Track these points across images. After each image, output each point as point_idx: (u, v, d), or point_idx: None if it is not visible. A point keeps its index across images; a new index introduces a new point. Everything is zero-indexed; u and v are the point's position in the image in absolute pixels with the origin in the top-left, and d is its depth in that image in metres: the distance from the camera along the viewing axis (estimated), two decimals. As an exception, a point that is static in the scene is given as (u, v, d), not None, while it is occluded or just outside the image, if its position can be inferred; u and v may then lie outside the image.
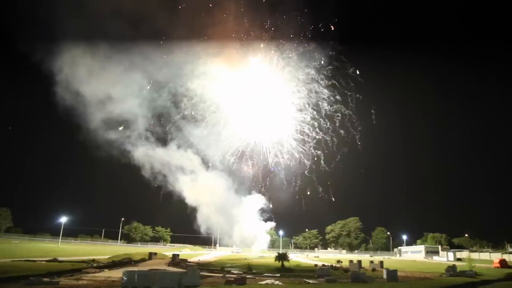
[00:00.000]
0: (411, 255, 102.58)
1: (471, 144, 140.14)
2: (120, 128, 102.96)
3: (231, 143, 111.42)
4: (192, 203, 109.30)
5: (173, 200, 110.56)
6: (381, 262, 51.26)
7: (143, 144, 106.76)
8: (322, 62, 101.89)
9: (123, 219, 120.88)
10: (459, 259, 79.90)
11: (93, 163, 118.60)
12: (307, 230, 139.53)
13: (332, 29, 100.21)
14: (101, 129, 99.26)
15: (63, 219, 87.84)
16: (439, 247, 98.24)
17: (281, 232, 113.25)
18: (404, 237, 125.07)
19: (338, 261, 58.49)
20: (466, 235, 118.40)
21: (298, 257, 79.87)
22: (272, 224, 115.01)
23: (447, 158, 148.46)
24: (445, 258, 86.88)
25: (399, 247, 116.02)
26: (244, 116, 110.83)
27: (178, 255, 54.47)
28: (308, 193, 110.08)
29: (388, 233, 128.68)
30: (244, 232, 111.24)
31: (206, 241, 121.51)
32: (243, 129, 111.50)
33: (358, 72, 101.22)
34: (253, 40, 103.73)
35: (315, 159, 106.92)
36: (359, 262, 49.01)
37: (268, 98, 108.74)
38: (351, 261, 50.11)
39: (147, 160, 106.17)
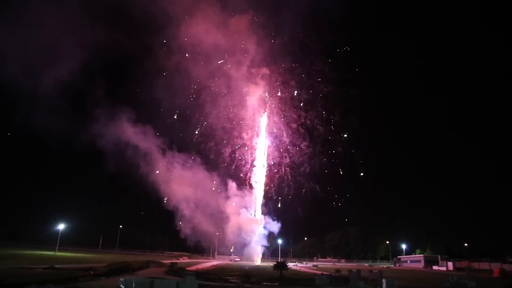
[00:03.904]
0: (410, 264, 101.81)
1: (473, 152, 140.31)
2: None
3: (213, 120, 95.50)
4: (173, 204, 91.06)
5: (152, 202, 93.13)
6: (381, 272, 50.98)
7: (104, 126, 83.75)
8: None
9: (121, 226, 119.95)
10: (458, 269, 79.44)
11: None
12: (305, 238, 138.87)
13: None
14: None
15: (61, 226, 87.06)
16: (439, 256, 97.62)
17: (279, 241, 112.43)
18: (404, 246, 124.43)
19: (337, 270, 58.00)
20: (466, 244, 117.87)
21: (297, 266, 79.36)
22: (276, 224, 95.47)
23: (447, 166, 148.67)
24: (445, 267, 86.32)
25: (398, 256, 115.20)
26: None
27: (176, 263, 54.18)
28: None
29: (388, 242, 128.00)
30: (239, 237, 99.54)
31: (203, 249, 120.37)
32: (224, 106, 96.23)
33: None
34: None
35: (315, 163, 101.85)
36: (358, 271, 48.74)
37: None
38: (350, 270, 49.82)
39: (111, 151, 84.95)
